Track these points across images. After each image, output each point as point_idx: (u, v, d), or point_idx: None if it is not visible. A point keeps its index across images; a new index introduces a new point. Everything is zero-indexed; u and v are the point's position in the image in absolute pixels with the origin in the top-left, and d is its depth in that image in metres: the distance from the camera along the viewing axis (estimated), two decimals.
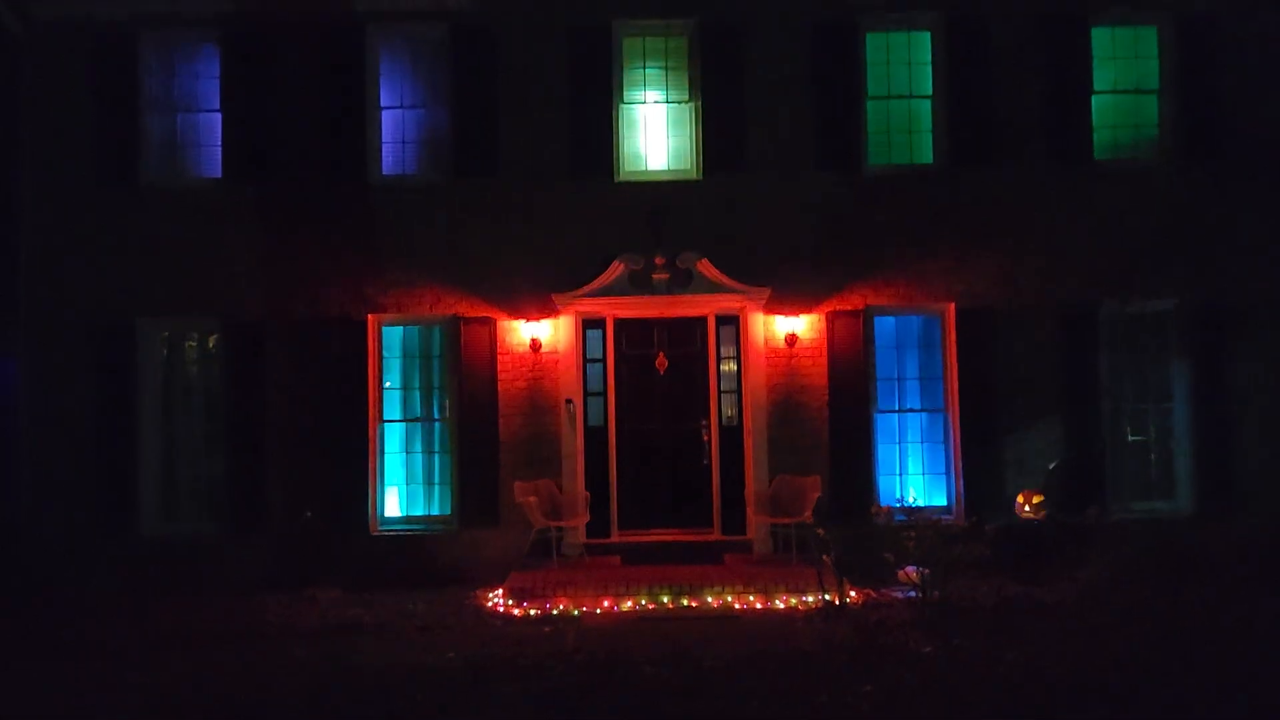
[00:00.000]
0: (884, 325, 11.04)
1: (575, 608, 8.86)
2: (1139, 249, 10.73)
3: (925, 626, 7.75)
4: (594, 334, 10.91)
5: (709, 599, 8.94)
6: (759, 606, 8.84)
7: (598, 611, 8.81)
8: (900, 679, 6.25)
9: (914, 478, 10.97)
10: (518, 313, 10.81)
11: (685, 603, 8.92)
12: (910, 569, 8.88)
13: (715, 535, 10.67)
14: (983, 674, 6.33)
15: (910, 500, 10.58)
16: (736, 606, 8.85)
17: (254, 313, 10.77)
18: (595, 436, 10.80)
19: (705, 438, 10.88)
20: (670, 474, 10.90)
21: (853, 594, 8.88)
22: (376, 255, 10.86)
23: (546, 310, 10.76)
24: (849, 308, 10.79)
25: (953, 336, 10.81)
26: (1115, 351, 10.90)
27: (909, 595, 8.84)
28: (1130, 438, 10.97)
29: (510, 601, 9.01)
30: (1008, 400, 10.66)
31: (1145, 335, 10.95)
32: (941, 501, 10.79)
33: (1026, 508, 9.90)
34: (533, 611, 8.83)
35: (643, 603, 8.92)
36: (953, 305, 10.80)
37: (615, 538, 10.68)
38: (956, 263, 10.81)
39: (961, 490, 10.62)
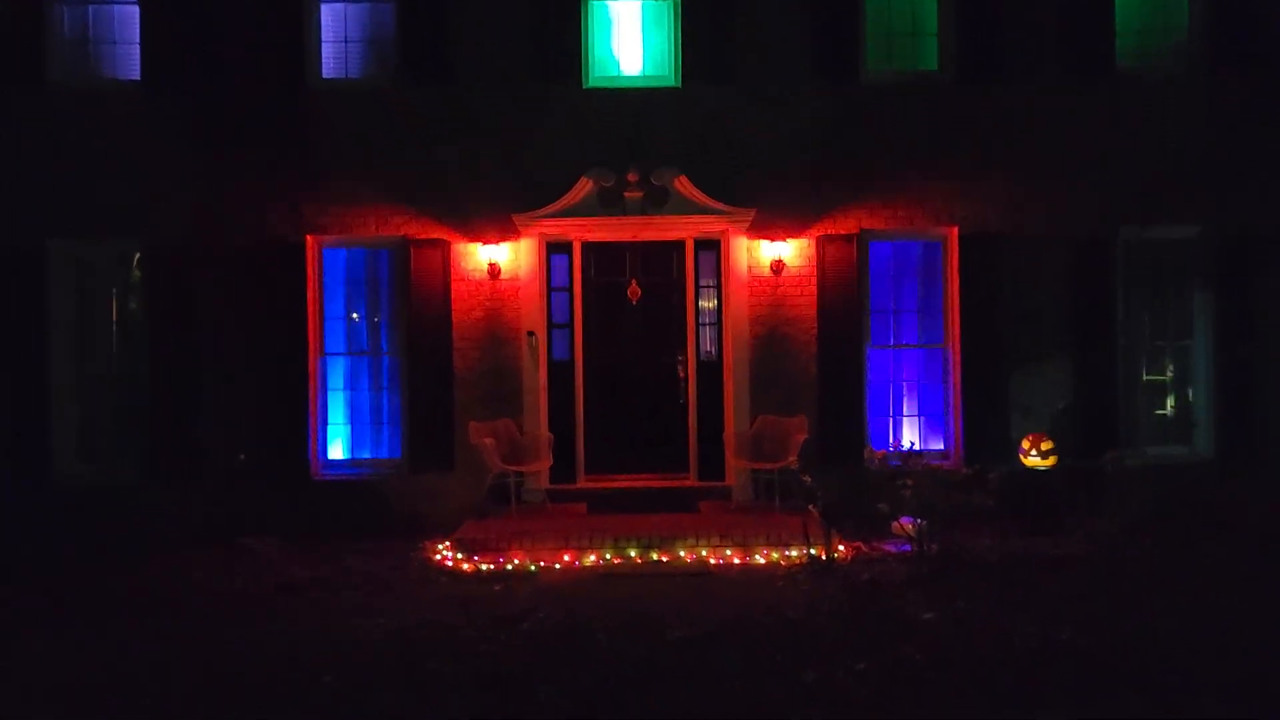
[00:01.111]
0: (880, 252, 10.01)
1: (532, 562, 7.93)
2: (1162, 169, 9.68)
3: (924, 586, 6.86)
4: (559, 259, 9.84)
5: (681, 553, 8.02)
6: (736, 562, 7.93)
7: (557, 567, 7.88)
8: (899, 653, 5.34)
9: (909, 419, 10.03)
10: (474, 235, 9.72)
11: (655, 557, 7.99)
12: (906, 520, 7.99)
13: (691, 481, 9.74)
14: (994, 648, 5.43)
15: (906, 444, 9.67)
16: (712, 562, 7.93)
17: (179, 234, 9.61)
18: (560, 372, 9.80)
19: (681, 374, 9.90)
20: (643, 414, 9.92)
21: (841, 548, 7.98)
22: (316, 169, 9.70)
23: (506, 232, 9.67)
24: (842, 232, 9.73)
25: (955, 264, 9.78)
26: (1132, 283, 9.91)
27: (903, 549, 7.94)
28: (1145, 377, 10.04)
29: (460, 555, 8.06)
30: (1013, 335, 9.68)
31: (1164, 265, 9.96)
32: (939, 445, 9.88)
33: (1033, 453, 8.98)
34: (485, 566, 7.90)
35: (607, 557, 7.99)
36: (955, 230, 9.76)
37: (581, 483, 9.74)
38: (961, 183, 9.74)
39: (961, 433, 9.69)
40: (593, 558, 7.98)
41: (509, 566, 7.88)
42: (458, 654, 5.43)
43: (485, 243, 9.67)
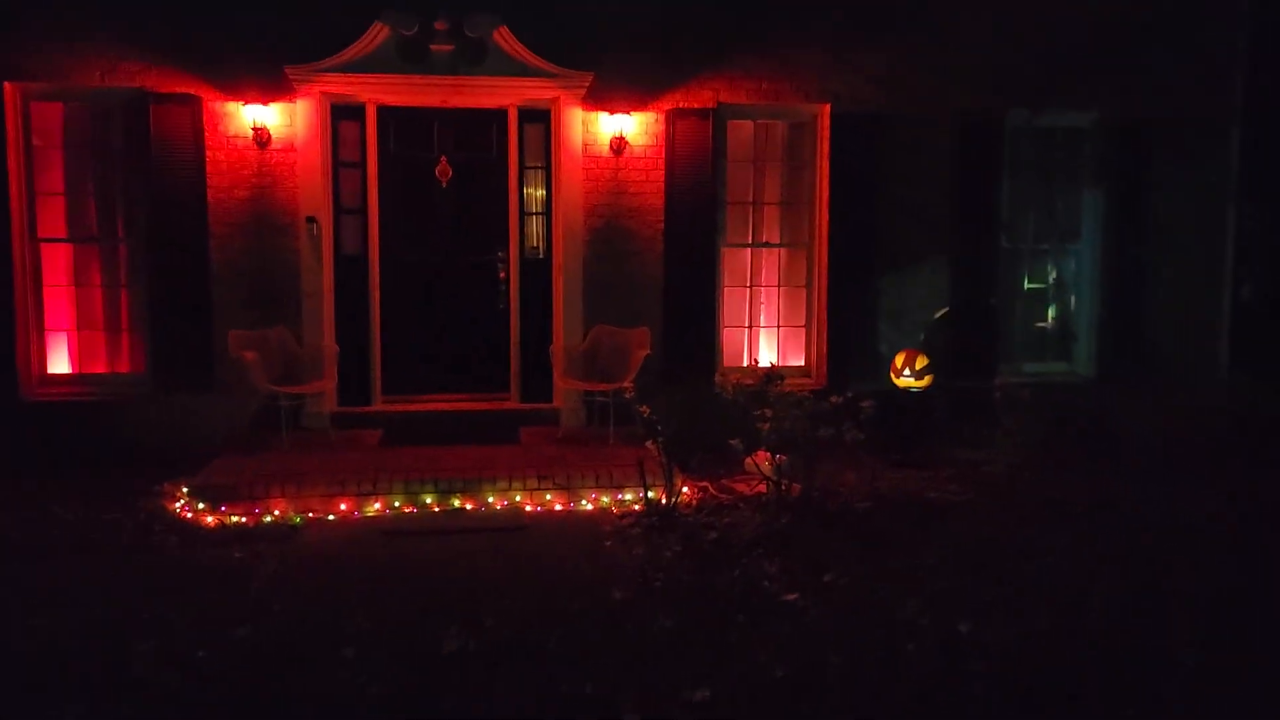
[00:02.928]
0: (740, 132, 8.45)
1: (297, 513, 6.21)
2: (1060, 46, 8.39)
3: (783, 547, 5.52)
4: (348, 127, 7.89)
5: (490, 499, 6.46)
6: (558, 508, 6.44)
7: (330, 518, 6.21)
8: (754, 664, 3.97)
9: (768, 331, 8.67)
10: (236, 91, 7.62)
11: (457, 504, 6.41)
12: (762, 454, 6.66)
13: (512, 403, 8.17)
14: (878, 650, 4.12)
15: (764, 361, 8.34)
16: (528, 509, 6.42)
17: None
18: (351, 270, 7.94)
19: (502, 275, 8.20)
20: (454, 322, 8.21)
21: (685, 489, 6.59)
22: None
23: (279, 90, 7.61)
24: (696, 105, 8.09)
25: (825, 149, 8.33)
26: (1018, 178, 8.72)
27: (758, 490, 6.62)
28: (1027, 285, 8.96)
29: (201, 505, 6.25)
30: (888, 234, 8.37)
31: (1054, 159, 8.80)
32: (800, 361, 8.59)
33: (906, 372, 7.78)
34: (234, 519, 6.14)
35: (396, 505, 6.36)
36: (828, 108, 8.28)
37: (378, 405, 8.02)
38: (836, 54, 8.22)
39: (826, 349, 8.40)
40: (377, 506, 6.34)
41: (266, 519, 6.16)
42: (113, 691, 3.70)
43: (250, 102, 7.59)
